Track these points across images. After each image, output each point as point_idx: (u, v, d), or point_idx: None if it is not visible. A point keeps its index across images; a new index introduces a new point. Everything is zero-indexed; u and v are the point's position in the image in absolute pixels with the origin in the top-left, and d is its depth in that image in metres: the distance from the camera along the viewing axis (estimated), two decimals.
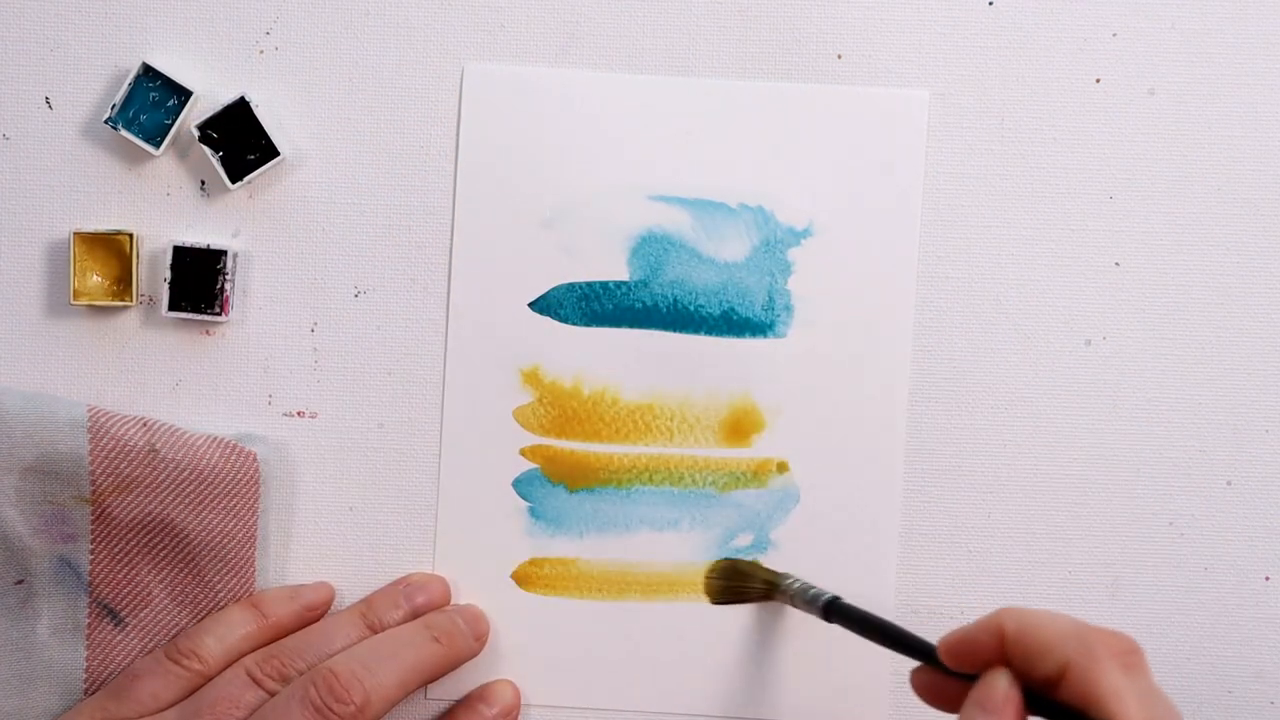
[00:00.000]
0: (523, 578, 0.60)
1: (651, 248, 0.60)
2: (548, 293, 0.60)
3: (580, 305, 0.60)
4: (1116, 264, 0.60)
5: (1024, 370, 0.60)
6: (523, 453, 0.60)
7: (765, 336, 0.60)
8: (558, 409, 0.60)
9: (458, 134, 0.60)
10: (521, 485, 0.60)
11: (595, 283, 0.60)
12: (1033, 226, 0.60)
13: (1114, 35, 0.60)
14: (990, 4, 0.60)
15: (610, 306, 0.60)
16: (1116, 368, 0.60)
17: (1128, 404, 0.60)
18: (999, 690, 0.44)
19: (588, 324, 0.60)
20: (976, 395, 0.60)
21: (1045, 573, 0.60)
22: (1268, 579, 0.60)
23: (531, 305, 0.60)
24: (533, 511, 0.60)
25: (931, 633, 0.60)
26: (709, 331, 0.60)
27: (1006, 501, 0.60)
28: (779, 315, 0.60)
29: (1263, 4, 0.60)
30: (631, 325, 0.60)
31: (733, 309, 0.60)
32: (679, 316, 0.60)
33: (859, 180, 0.60)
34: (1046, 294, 0.60)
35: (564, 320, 0.60)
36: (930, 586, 0.60)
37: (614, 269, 0.60)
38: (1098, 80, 0.60)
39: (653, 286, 0.60)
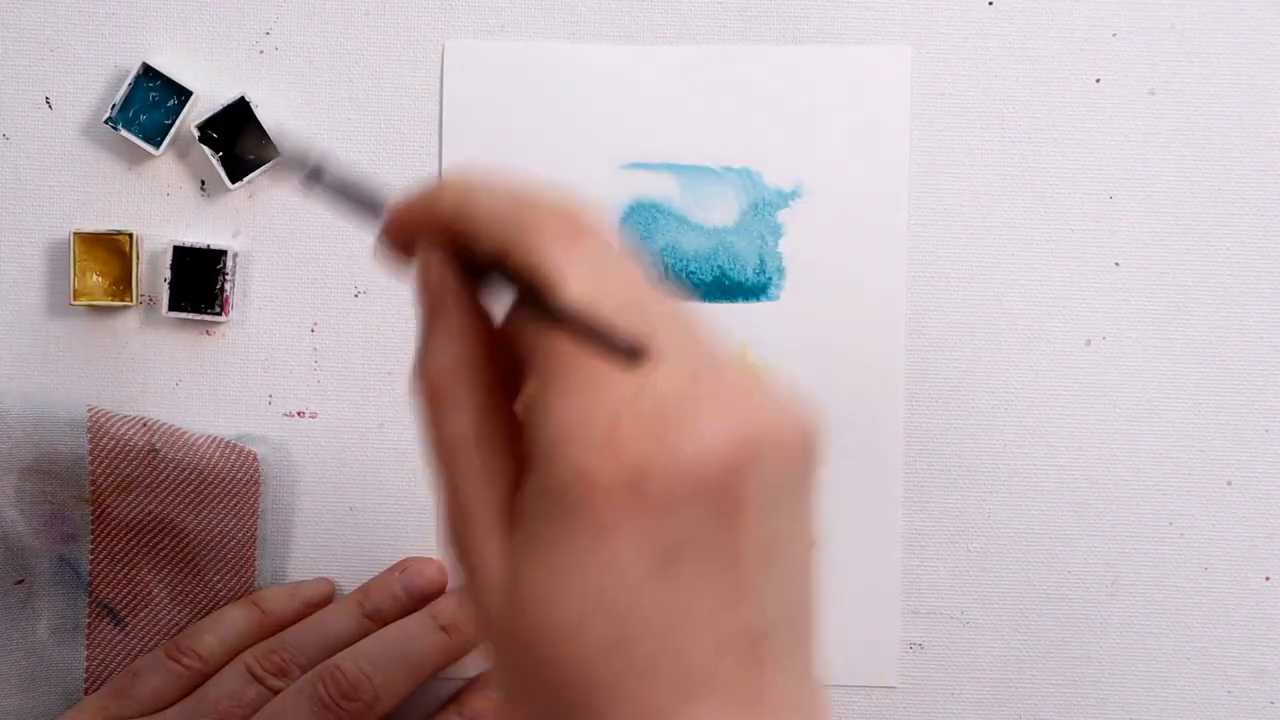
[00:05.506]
0: None
1: (640, 216, 0.60)
2: None
3: None
4: (1116, 264, 0.60)
5: (1024, 370, 0.60)
6: None
7: (759, 300, 0.60)
8: None
9: (440, 110, 0.60)
10: None
11: None
12: (1033, 227, 0.60)
13: (1114, 35, 0.60)
14: (990, 4, 0.60)
15: None
16: (1116, 368, 0.60)
17: (1128, 404, 0.60)
18: (427, 276, 0.39)
19: None
20: (976, 395, 0.60)
21: (1045, 573, 0.60)
22: (1268, 579, 0.60)
23: None
24: None
25: (932, 634, 0.60)
26: (702, 298, 0.60)
27: (1006, 501, 0.60)
28: (771, 278, 0.60)
29: (1262, 4, 0.60)
30: None
31: (725, 274, 0.60)
32: (671, 284, 0.60)
33: (845, 140, 0.60)
34: (1046, 294, 0.60)
35: None
36: (930, 586, 0.60)
37: None
38: (1098, 80, 0.60)
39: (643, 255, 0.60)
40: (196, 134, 0.58)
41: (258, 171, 0.59)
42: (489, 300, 0.39)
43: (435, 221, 0.39)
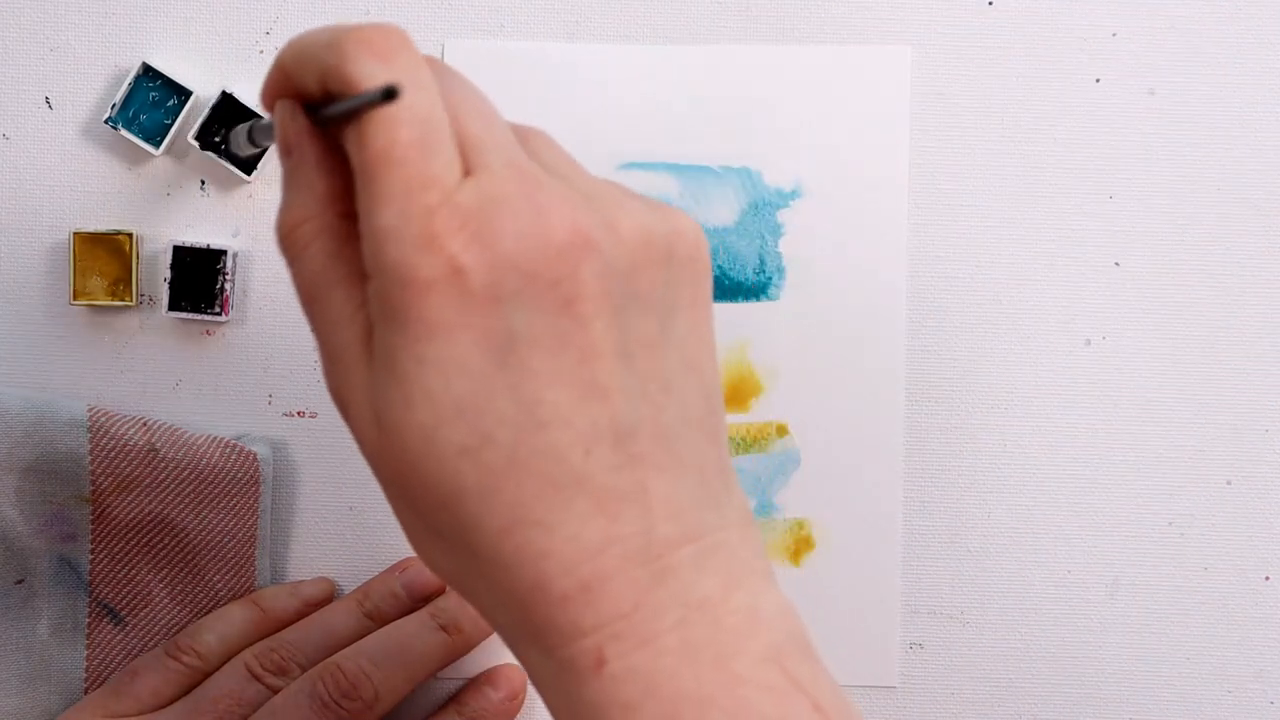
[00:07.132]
0: None
1: None
2: None
3: None
4: (1116, 264, 0.60)
5: (1024, 370, 0.60)
6: None
7: (759, 300, 0.60)
8: None
9: None
10: None
11: None
12: (1032, 226, 0.60)
13: (1114, 35, 0.60)
14: (990, 4, 0.60)
15: None
16: (1116, 368, 0.60)
17: (1128, 404, 0.60)
18: (280, 130, 0.40)
19: None
20: (976, 395, 0.60)
21: (1045, 573, 0.60)
22: (1268, 579, 0.60)
23: None
24: None
25: (932, 634, 0.60)
26: None
27: (1006, 501, 0.60)
28: (771, 278, 0.60)
29: (1262, 4, 0.60)
30: None
31: (724, 273, 0.60)
32: None
33: (845, 140, 0.60)
34: (1046, 294, 0.60)
35: None
36: (930, 586, 0.60)
37: None
38: (1098, 80, 0.60)
39: None
40: (195, 145, 0.58)
41: (258, 171, 0.59)
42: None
43: (280, 75, 0.40)
